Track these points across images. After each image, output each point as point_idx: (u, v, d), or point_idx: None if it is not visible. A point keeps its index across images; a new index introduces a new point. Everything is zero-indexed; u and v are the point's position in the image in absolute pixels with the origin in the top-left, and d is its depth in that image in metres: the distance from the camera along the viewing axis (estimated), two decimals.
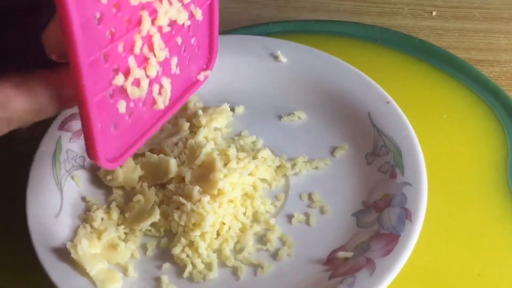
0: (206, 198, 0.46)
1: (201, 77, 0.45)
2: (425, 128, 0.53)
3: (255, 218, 0.48)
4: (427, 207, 0.46)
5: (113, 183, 0.50)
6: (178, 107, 0.43)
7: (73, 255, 0.44)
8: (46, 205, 0.47)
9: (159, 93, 0.41)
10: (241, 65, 0.56)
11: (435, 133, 0.54)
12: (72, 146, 0.51)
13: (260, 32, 0.61)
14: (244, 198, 0.49)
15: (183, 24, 0.40)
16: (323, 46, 0.56)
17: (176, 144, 0.52)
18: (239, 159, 0.49)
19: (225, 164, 0.48)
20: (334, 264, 0.45)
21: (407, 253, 0.44)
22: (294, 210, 0.49)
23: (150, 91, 0.40)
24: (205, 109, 0.53)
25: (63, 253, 0.45)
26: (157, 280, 0.46)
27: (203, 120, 0.52)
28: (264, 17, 0.65)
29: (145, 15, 0.37)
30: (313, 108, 0.54)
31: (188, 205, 0.46)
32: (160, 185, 0.50)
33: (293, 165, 0.51)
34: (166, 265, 0.46)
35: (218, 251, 0.47)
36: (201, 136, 0.52)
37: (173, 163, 0.49)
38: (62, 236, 0.46)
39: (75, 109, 0.52)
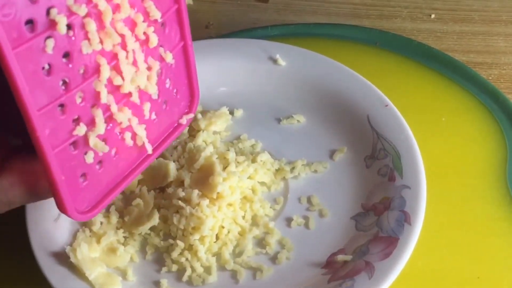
0: (205, 202, 0.46)
1: (183, 120, 0.44)
2: (424, 131, 0.53)
3: (254, 222, 0.48)
4: (426, 210, 0.46)
5: None
6: (160, 153, 0.43)
7: (72, 259, 0.44)
8: (46, 209, 0.47)
9: (132, 139, 0.40)
10: (240, 68, 0.56)
11: (434, 136, 0.54)
12: None
13: (259, 35, 0.61)
14: (243, 201, 0.49)
15: (151, 69, 0.39)
16: (322, 49, 0.57)
17: (175, 147, 0.52)
18: (238, 162, 0.49)
19: (224, 168, 0.48)
20: (333, 268, 0.45)
21: (406, 256, 0.44)
22: (293, 214, 0.49)
23: (121, 138, 0.39)
24: (204, 112, 0.54)
25: (62, 257, 0.45)
26: (156, 284, 0.46)
27: (202, 123, 0.52)
28: (264, 21, 0.65)
29: (103, 63, 0.36)
30: (312, 111, 0.54)
31: (187, 208, 0.46)
32: (159, 189, 0.50)
33: (292, 169, 0.51)
34: (165, 269, 0.46)
35: (217, 255, 0.47)
36: (200, 139, 0.52)
37: (172, 167, 0.49)
38: (61, 240, 0.46)
39: None
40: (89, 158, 0.37)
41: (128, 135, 0.39)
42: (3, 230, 0.50)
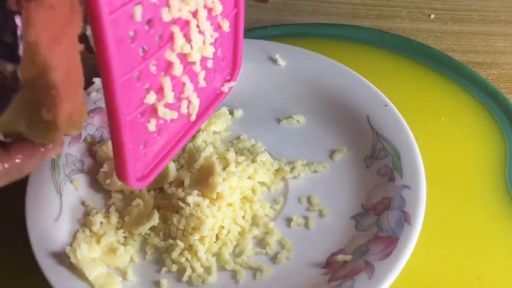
0: (205, 202, 0.46)
1: (225, 88, 0.44)
2: (424, 131, 0.53)
3: (254, 222, 0.48)
4: (425, 210, 0.46)
5: (112, 187, 0.50)
6: (204, 120, 0.43)
7: (72, 259, 0.44)
8: (46, 209, 0.47)
9: (187, 108, 0.40)
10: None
11: (433, 136, 0.54)
12: (71, 150, 0.51)
13: (259, 35, 0.61)
14: (243, 201, 0.49)
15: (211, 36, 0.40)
16: (322, 49, 0.57)
17: None
18: (238, 162, 0.49)
19: (224, 168, 0.48)
20: (333, 267, 0.45)
21: (406, 256, 0.44)
22: (293, 214, 0.49)
23: (178, 106, 0.39)
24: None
25: (62, 257, 0.45)
26: (156, 284, 0.46)
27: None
28: (263, 21, 0.65)
29: (177, 31, 0.36)
30: (312, 111, 0.54)
31: (187, 209, 0.46)
32: (159, 189, 0.50)
33: (292, 169, 0.51)
34: (165, 269, 0.46)
35: (217, 255, 0.47)
36: (200, 140, 0.52)
37: (172, 167, 0.49)
38: (61, 240, 0.46)
39: None
40: (152, 126, 0.38)
41: (184, 103, 0.40)
42: (3, 230, 0.50)
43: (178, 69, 0.37)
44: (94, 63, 0.65)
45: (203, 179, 0.48)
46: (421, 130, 0.52)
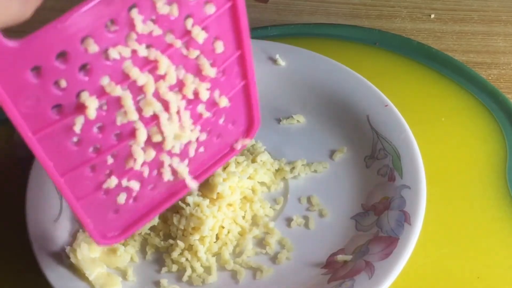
0: (205, 202, 0.46)
1: (237, 146, 0.42)
2: (424, 131, 0.53)
3: (254, 222, 0.48)
4: (425, 210, 0.46)
5: None
6: (204, 178, 0.41)
7: (72, 259, 0.44)
8: (46, 209, 0.47)
9: (172, 175, 0.38)
10: None
11: (433, 136, 0.54)
12: None
13: (259, 35, 0.61)
14: (243, 201, 0.49)
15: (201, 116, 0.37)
16: (321, 49, 0.57)
17: None
18: (238, 162, 0.49)
19: (224, 168, 0.48)
20: (333, 267, 0.45)
21: (406, 256, 0.44)
22: (293, 214, 0.49)
23: (159, 175, 0.37)
24: None
25: (62, 257, 0.45)
26: (157, 284, 0.46)
27: None
28: (263, 21, 0.65)
29: (140, 126, 0.34)
30: (312, 111, 0.54)
31: (187, 209, 0.46)
32: None
33: (292, 169, 0.51)
34: (165, 269, 0.46)
35: (217, 255, 0.47)
36: None
37: None
38: (61, 241, 0.46)
39: None
40: (121, 199, 0.37)
41: (167, 173, 0.38)
42: (2, 230, 0.50)
43: (149, 155, 0.35)
44: None
45: None
46: (421, 130, 0.52)
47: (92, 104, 0.31)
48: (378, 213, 0.47)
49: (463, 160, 0.53)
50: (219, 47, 0.36)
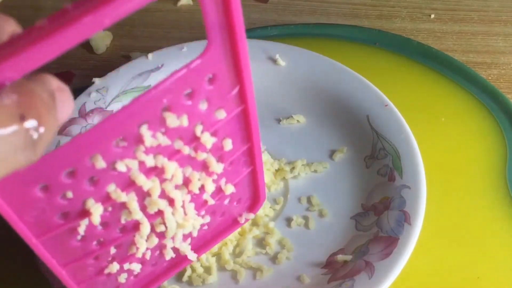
0: None
1: (242, 219, 0.43)
2: (424, 131, 0.53)
3: (254, 222, 0.48)
4: (426, 210, 0.46)
5: None
6: (208, 249, 0.42)
7: None
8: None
9: (176, 253, 0.39)
10: None
11: (433, 136, 0.54)
12: None
13: (259, 35, 0.61)
14: None
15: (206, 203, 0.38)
16: (321, 49, 0.57)
17: None
18: None
19: None
20: (333, 268, 0.45)
21: (406, 256, 0.44)
22: (293, 214, 0.49)
23: (161, 255, 0.38)
24: None
25: None
26: None
27: None
28: (263, 21, 0.65)
29: (144, 221, 0.34)
30: (312, 111, 0.54)
31: None
32: None
33: (292, 169, 0.51)
34: None
35: (217, 255, 0.47)
36: None
37: None
38: None
39: (74, 114, 0.52)
40: (122, 279, 0.37)
41: (169, 252, 0.38)
42: (2, 230, 0.50)
43: (152, 243, 0.36)
44: (94, 63, 0.65)
45: None
46: (421, 130, 0.52)
47: (97, 211, 0.32)
48: (378, 213, 0.47)
49: (463, 160, 0.53)
50: (228, 145, 0.36)
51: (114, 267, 0.36)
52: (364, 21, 0.64)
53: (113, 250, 0.35)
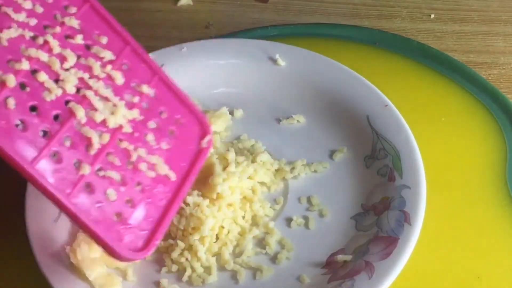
0: (205, 202, 0.46)
1: (204, 143, 0.46)
2: (424, 131, 0.53)
3: (254, 222, 0.48)
4: (426, 210, 0.46)
5: None
6: (192, 180, 0.45)
7: (72, 259, 0.44)
8: (46, 209, 0.47)
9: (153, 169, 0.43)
10: (239, 69, 0.56)
11: (433, 136, 0.54)
12: None
13: (258, 35, 0.61)
14: (243, 201, 0.49)
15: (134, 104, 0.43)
16: (321, 49, 0.57)
17: None
18: (238, 163, 0.49)
19: (224, 168, 0.48)
20: (333, 268, 0.45)
21: (406, 256, 0.44)
22: (293, 214, 0.49)
23: (138, 171, 0.42)
24: (204, 112, 0.53)
25: (62, 258, 0.45)
26: (157, 284, 0.46)
27: None
28: (263, 21, 0.65)
29: (73, 104, 0.39)
30: (312, 111, 0.54)
31: (187, 209, 0.46)
32: None
33: (292, 169, 0.51)
34: (165, 269, 0.46)
35: (217, 255, 0.47)
36: None
37: None
38: (61, 241, 0.46)
39: None
40: (111, 195, 0.40)
41: (143, 166, 0.42)
42: (2, 230, 0.50)
43: (104, 138, 0.40)
44: None
45: (203, 179, 0.48)
46: (421, 130, 0.52)
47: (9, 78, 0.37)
48: (378, 213, 0.47)
49: (463, 160, 0.53)
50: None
51: (85, 168, 0.39)
52: (364, 21, 0.65)
53: (67, 143, 0.38)
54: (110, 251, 0.39)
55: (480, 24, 0.64)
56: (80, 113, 0.39)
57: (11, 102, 0.36)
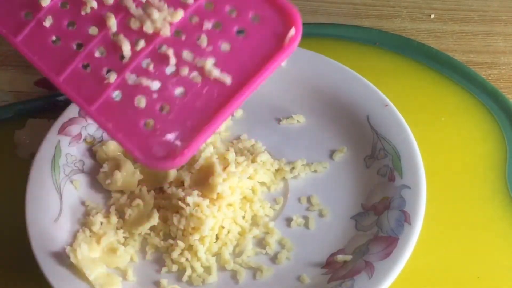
0: (205, 202, 0.46)
1: (286, 40, 0.39)
2: (424, 131, 0.53)
3: (254, 222, 0.48)
4: (426, 210, 0.46)
5: (112, 187, 0.50)
6: (258, 82, 0.37)
7: (72, 259, 0.44)
8: (46, 209, 0.47)
9: (203, 75, 0.37)
10: None
11: (433, 135, 0.54)
12: (71, 150, 0.51)
13: None
14: (243, 201, 0.49)
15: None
16: (322, 49, 0.56)
17: None
18: (238, 163, 0.49)
19: (224, 168, 0.48)
20: (333, 267, 0.45)
21: (406, 256, 0.44)
22: (293, 214, 0.49)
23: (187, 76, 0.37)
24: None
25: (62, 258, 0.45)
26: (157, 284, 0.46)
27: None
28: None
29: (110, 15, 0.38)
30: (312, 111, 0.54)
31: (187, 209, 0.46)
32: (159, 189, 0.50)
33: (292, 169, 0.51)
34: (165, 269, 0.46)
35: (217, 255, 0.47)
36: None
37: None
38: (61, 241, 0.46)
39: (74, 113, 0.52)
40: (141, 103, 0.37)
41: (185, 71, 0.37)
42: (2, 230, 0.50)
43: (139, 45, 0.38)
44: None
45: (203, 179, 0.48)
46: (421, 130, 0.52)
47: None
48: (378, 213, 0.47)
49: (463, 160, 0.53)
50: None
51: (112, 76, 0.37)
52: (364, 21, 0.64)
53: (97, 54, 0.38)
54: (136, 155, 0.36)
55: (480, 24, 0.64)
56: (111, 20, 0.37)
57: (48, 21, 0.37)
